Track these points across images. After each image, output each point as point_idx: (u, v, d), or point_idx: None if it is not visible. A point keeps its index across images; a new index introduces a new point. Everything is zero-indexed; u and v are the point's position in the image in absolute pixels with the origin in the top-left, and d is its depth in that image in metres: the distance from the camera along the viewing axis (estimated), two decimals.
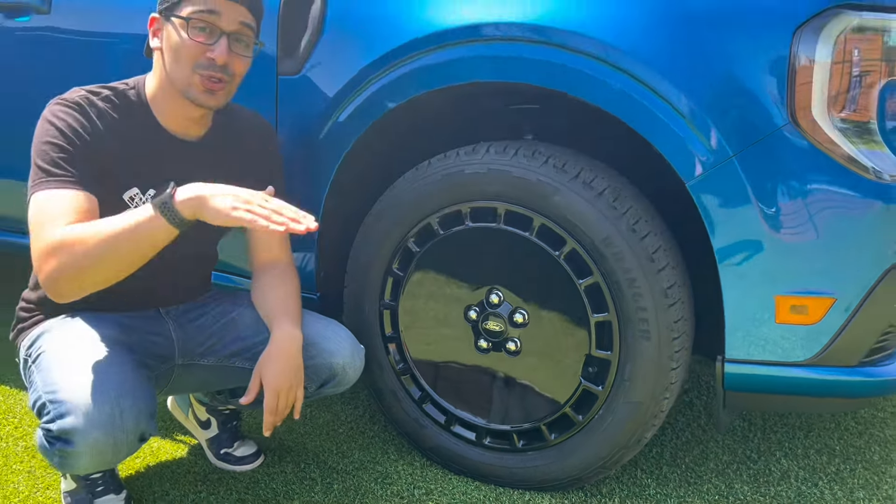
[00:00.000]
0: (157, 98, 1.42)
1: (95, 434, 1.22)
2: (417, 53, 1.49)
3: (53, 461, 1.29)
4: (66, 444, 1.23)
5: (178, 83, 1.37)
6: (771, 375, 1.40)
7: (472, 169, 1.50)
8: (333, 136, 1.61)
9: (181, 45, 1.35)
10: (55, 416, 1.24)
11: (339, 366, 1.47)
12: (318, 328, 1.50)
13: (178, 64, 1.36)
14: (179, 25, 1.35)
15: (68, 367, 1.29)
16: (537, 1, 1.40)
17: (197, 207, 1.21)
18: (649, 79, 1.33)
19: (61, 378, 1.27)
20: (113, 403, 1.23)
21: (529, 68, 1.41)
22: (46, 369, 1.32)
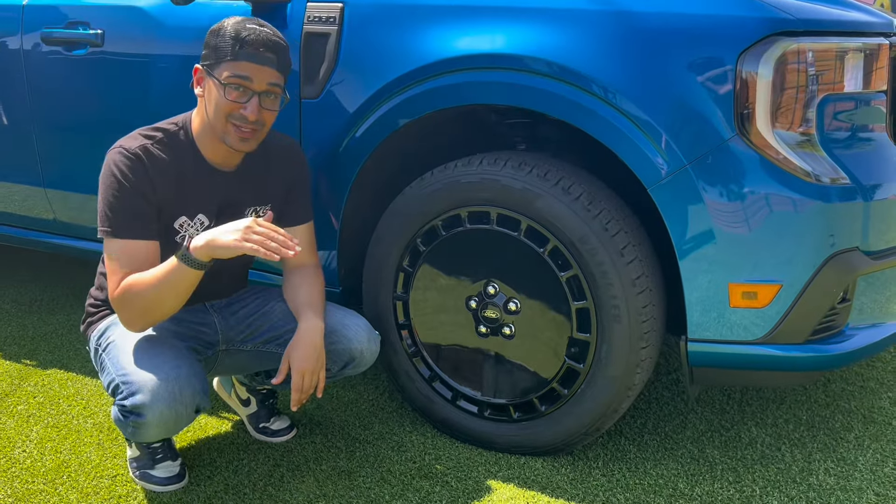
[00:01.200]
0: (200, 136, 1.65)
1: (161, 407, 1.50)
2: (417, 81, 1.72)
3: (127, 431, 1.57)
4: (138, 417, 1.51)
5: (216, 130, 1.61)
6: (728, 353, 1.62)
7: (467, 178, 1.73)
8: (350, 151, 1.86)
9: (219, 101, 1.58)
10: (128, 394, 1.52)
11: (357, 350, 1.73)
12: (339, 317, 1.75)
13: (215, 114, 1.59)
14: (217, 85, 1.57)
15: (135, 354, 1.57)
16: (520, 33, 1.63)
17: (209, 250, 1.49)
18: (613, 99, 1.55)
19: (130, 363, 1.55)
20: (173, 383, 1.51)
21: (512, 93, 1.64)
22: (116, 356, 1.60)
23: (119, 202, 1.56)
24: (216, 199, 1.68)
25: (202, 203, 1.67)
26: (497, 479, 1.74)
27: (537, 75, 1.61)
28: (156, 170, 1.59)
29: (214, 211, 1.68)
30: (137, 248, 1.57)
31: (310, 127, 1.91)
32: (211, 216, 1.68)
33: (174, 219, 1.65)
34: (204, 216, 1.67)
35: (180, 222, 1.65)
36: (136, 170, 1.57)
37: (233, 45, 1.55)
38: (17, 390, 2.16)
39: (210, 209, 1.68)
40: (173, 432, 1.62)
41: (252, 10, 1.95)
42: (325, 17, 1.85)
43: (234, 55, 1.55)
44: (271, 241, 1.47)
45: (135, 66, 2.13)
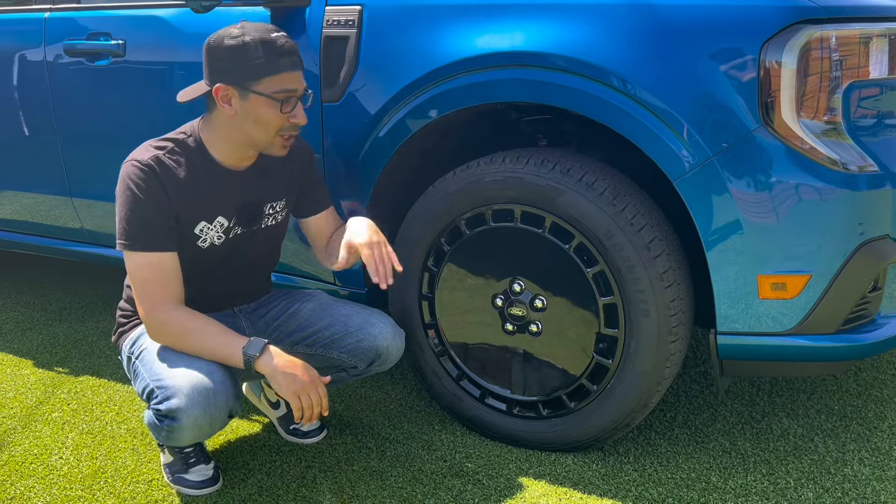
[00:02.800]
0: (215, 144, 1.65)
1: (196, 412, 1.52)
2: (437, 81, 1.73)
3: (161, 436, 1.59)
4: (173, 421, 1.53)
5: (260, 143, 1.62)
6: (758, 344, 1.61)
7: (490, 177, 1.73)
8: (373, 153, 1.87)
9: (269, 116, 1.57)
10: (162, 399, 1.54)
11: (383, 347, 1.74)
12: (365, 316, 1.77)
13: (262, 130, 1.59)
14: (266, 101, 1.56)
15: (169, 360, 1.59)
16: (538, 30, 1.63)
17: (267, 376, 1.58)
18: (635, 92, 1.54)
19: (164, 369, 1.58)
20: (208, 387, 1.53)
21: (538, 90, 1.63)
22: (150, 362, 1.62)
23: (135, 215, 1.58)
24: (233, 200, 1.69)
25: (219, 205, 1.68)
26: (528, 476, 1.75)
27: (557, 71, 1.61)
28: (169, 179, 1.60)
29: (232, 211, 1.70)
30: (159, 262, 1.59)
31: (331, 130, 1.92)
32: (229, 217, 1.70)
33: (194, 225, 1.66)
34: (223, 218, 1.69)
35: (200, 227, 1.67)
36: (150, 181, 1.58)
37: (269, 59, 1.55)
38: (51, 398, 2.20)
39: (228, 210, 1.69)
40: (207, 436, 1.64)
41: (270, 16, 1.96)
42: (344, 20, 1.85)
43: (276, 68, 1.55)
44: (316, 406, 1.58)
45: (156, 75, 2.15)
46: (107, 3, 2.30)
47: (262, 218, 1.76)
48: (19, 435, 2.00)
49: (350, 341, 1.75)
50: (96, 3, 2.31)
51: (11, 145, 2.52)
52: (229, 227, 1.70)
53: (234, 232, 1.72)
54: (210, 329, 1.59)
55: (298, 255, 2.09)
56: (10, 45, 2.41)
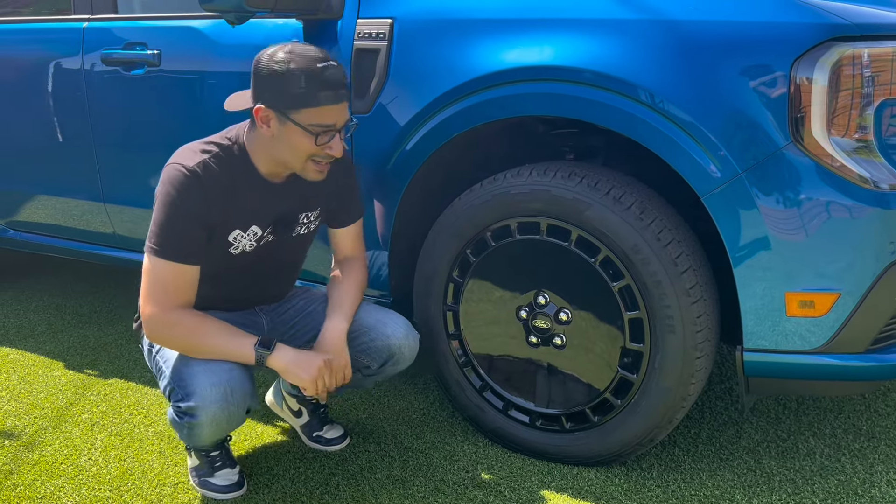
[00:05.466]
0: (257, 156, 1.65)
1: (214, 409, 1.55)
2: (466, 94, 1.74)
3: (182, 433, 1.62)
4: (192, 418, 1.57)
5: (293, 166, 1.63)
6: (785, 362, 1.59)
7: (517, 189, 1.74)
8: (401, 164, 1.89)
9: (301, 145, 1.57)
10: (182, 397, 1.58)
11: (395, 346, 1.76)
12: (378, 316, 1.79)
13: (294, 155, 1.59)
14: (300, 131, 1.55)
15: (188, 358, 1.62)
16: (566, 45, 1.64)
17: (280, 372, 1.61)
18: (664, 107, 1.55)
19: (184, 367, 1.61)
20: (225, 385, 1.56)
21: (565, 104, 1.64)
22: (170, 359, 1.66)
23: (172, 223, 1.58)
24: (269, 211, 1.71)
25: (256, 215, 1.69)
26: (550, 490, 1.75)
27: (586, 86, 1.62)
28: (212, 187, 1.60)
29: (268, 222, 1.71)
30: (181, 273, 1.59)
31: (361, 141, 1.94)
32: (264, 227, 1.71)
33: (228, 233, 1.67)
34: (258, 227, 1.70)
35: (234, 235, 1.68)
36: (192, 190, 1.58)
37: (310, 90, 1.52)
38: (81, 399, 2.24)
39: (263, 220, 1.71)
40: (225, 432, 1.66)
41: (303, 28, 1.99)
42: (375, 33, 1.88)
43: (315, 101, 1.53)
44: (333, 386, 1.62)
45: (191, 85, 2.19)
46: (143, 13, 2.36)
47: (295, 227, 1.78)
48: (50, 435, 2.04)
49: (363, 340, 1.77)
50: (133, 14, 2.37)
51: (47, 151, 2.58)
52: (262, 235, 1.72)
53: (265, 240, 1.73)
54: (220, 330, 1.60)
55: (323, 264, 2.11)
56: (50, 53, 2.47)
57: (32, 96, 2.54)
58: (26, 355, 2.56)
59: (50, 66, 2.47)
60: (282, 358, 1.60)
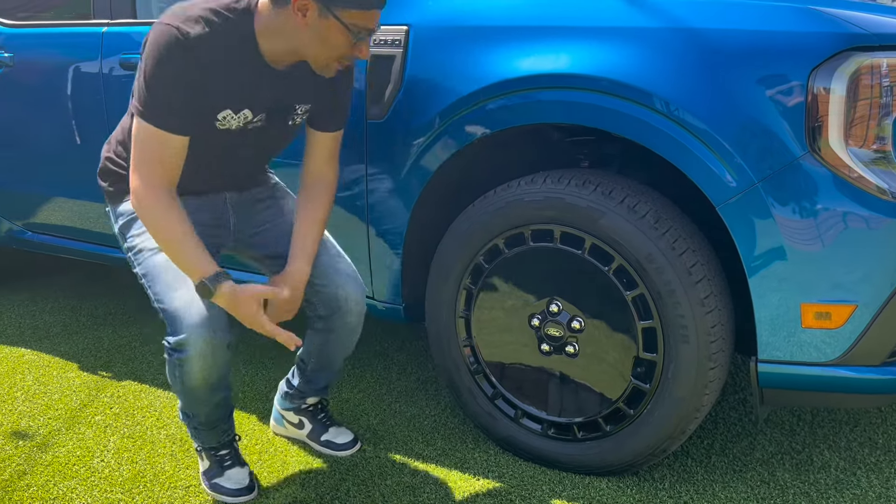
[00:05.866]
0: (269, 38, 1.54)
1: (200, 344, 1.57)
2: (480, 101, 1.75)
3: (175, 374, 1.64)
4: (181, 353, 1.59)
5: (315, 61, 1.55)
6: (800, 374, 1.58)
7: (531, 197, 1.74)
8: (415, 170, 1.89)
9: (337, 42, 1.51)
10: (172, 332, 1.61)
11: (342, 297, 1.79)
12: (331, 262, 1.79)
13: (323, 49, 1.52)
14: (341, 28, 1.49)
15: (173, 283, 1.62)
16: (582, 53, 1.64)
17: (223, 302, 1.57)
18: (680, 116, 1.54)
19: (170, 292, 1.61)
20: (206, 321, 1.57)
21: (581, 112, 1.64)
22: (153, 276, 1.66)
23: (163, 89, 1.48)
24: (265, 96, 1.60)
25: (250, 98, 1.59)
26: (562, 499, 1.74)
27: (601, 93, 1.61)
28: (209, 60, 1.49)
29: (262, 107, 1.61)
30: (168, 141, 1.52)
31: (375, 147, 1.95)
32: (256, 112, 1.61)
33: (218, 110, 1.57)
34: (249, 111, 1.60)
35: (224, 114, 1.57)
36: (188, 58, 1.46)
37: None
38: (95, 401, 2.25)
39: (257, 105, 1.60)
40: (212, 369, 1.61)
41: None
42: (391, 39, 1.88)
43: (367, 4, 1.49)
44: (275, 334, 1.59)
45: None
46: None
47: (289, 117, 1.68)
48: (63, 437, 2.05)
49: (315, 282, 1.76)
50: (152, 19, 2.39)
51: (65, 153, 2.60)
52: (252, 120, 1.62)
53: (254, 125, 1.63)
54: (189, 241, 1.54)
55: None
56: (69, 58, 2.49)
57: (51, 99, 2.56)
58: (41, 356, 2.58)
59: (69, 69, 2.49)
60: (227, 296, 1.56)
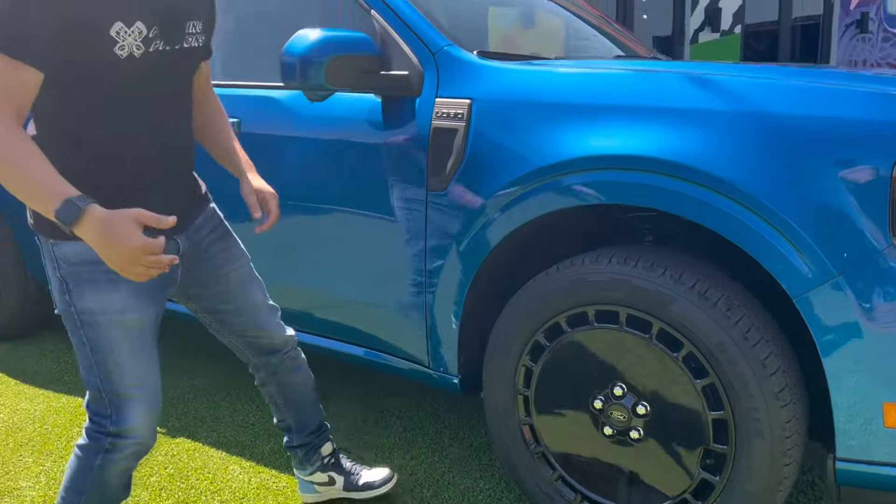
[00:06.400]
0: None
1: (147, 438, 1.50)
2: (543, 179, 1.72)
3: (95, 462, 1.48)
4: (122, 440, 1.47)
5: None
6: (882, 474, 1.50)
7: (595, 277, 1.70)
8: (475, 244, 1.87)
9: None
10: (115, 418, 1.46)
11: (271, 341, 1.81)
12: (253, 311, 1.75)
13: None
14: None
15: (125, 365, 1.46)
16: (655, 136, 1.60)
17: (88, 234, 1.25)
18: (757, 205, 1.49)
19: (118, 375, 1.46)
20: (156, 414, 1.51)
21: (652, 195, 1.60)
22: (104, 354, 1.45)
23: (21, 7, 1.24)
24: (156, 6, 1.39)
25: (139, 7, 1.36)
26: None
27: (671, 177, 1.58)
28: None
29: (154, 18, 1.39)
30: (25, 76, 1.27)
31: (435, 218, 1.93)
32: (149, 24, 1.38)
33: (108, 25, 1.33)
34: (142, 24, 1.37)
35: (116, 29, 1.34)
36: None
37: None
38: (150, 460, 2.26)
39: (148, 14, 1.38)
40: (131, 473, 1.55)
41: (381, 104, 2.01)
42: (454, 113, 1.88)
43: None
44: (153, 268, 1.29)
45: (269, 153, 2.23)
46: (224, 79, 2.42)
47: (183, 35, 1.46)
48: None
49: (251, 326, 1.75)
50: (215, 81, 2.43)
51: None
52: (149, 37, 1.38)
53: (154, 45, 1.40)
54: (36, 164, 1.26)
55: (387, 329, 2.10)
56: None
57: None
58: None
59: None
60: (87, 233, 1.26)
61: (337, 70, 1.89)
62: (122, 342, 1.46)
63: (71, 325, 1.47)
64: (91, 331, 1.46)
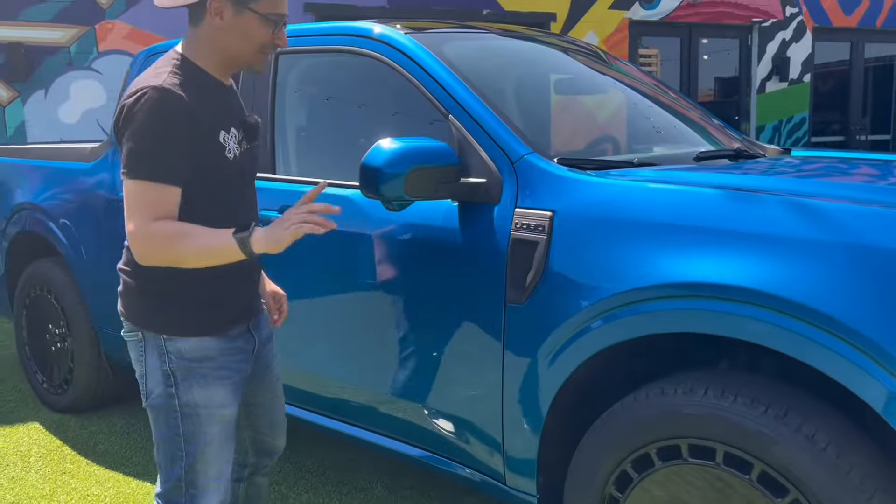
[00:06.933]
0: (205, 57, 1.62)
1: None
2: (631, 303, 1.64)
3: None
4: None
5: (245, 58, 1.63)
6: None
7: (690, 410, 1.59)
8: (556, 362, 1.79)
9: (257, 34, 1.59)
10: None
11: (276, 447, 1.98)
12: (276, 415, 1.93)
13: (247, 45, 1.60)
14: (259, 19, 1.58)
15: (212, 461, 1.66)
16: (751, 262, 1.51)
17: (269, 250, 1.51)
18: (857, 340, 1.37)
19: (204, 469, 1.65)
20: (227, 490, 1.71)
21: (739, 326, 1.50)
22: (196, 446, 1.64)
23: (159, 143, 1.51)
24: (234, 111, 1.69)
25: (228, 116, 1.65)
26: None
27: (769, 310, 1.47)
28: (189, 95, 1.54)
29: (237, 122, 1.67)
30: (165, 193, 1.52)
31: (513, 331, 1.86)
32: (238, 128, 1.67)
33: (217, 133, 1.61)
34: (234, 129, 1.66)
35: (223, 136, 1.62)
36: (174, 102, 1.51)
37: None
38: None
39: (234, 122, 1.67)
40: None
41: (458, 210, 1.97)
42: (534, 225, 1.82)
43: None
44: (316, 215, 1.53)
45: (343, 252, 2.20)
46: (299, 175, 2.42)
47: (255, 133, 1.73)
48: None
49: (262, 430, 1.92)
50: (289, 175, 2.43)
51: None
52: (240, 138, 1.68)
53: (243, 146, 1.68)
54: (198, 228, 1.53)
55: (460, 436, 2.02)
56: None
57: None
58: None
59: None
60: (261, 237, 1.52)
61: (416, 181, 1.86)
62: (217, 436, 1.64)
63: (167, 416, 1.63)
64: (190, 424, 1.62)
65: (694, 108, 2.78)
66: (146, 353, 1.64)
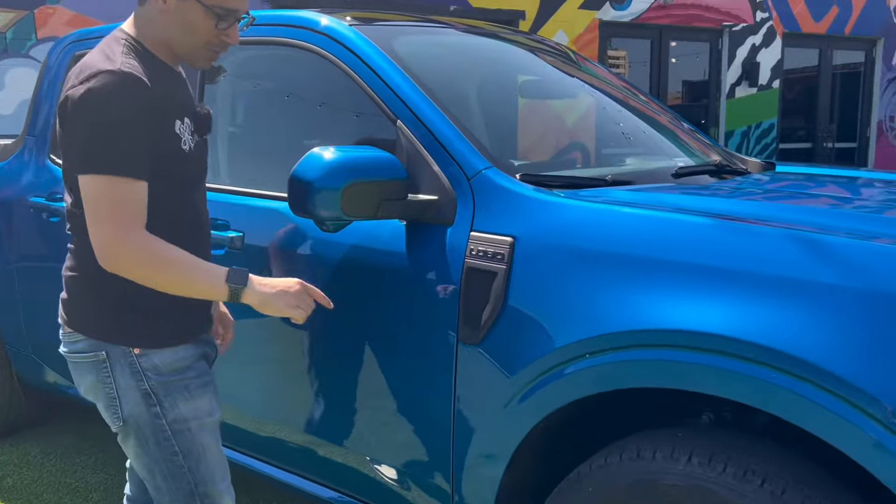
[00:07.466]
0: (150, 38, 1.48)
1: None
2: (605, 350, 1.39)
3: None
4: None
5: (183, 51, 1.47)
6: None
7: (671, 480, 1.35)
8: (514, 414, 1.53)
9: (202, 28, 1.44)
10: None
11: None
12: None
13: (191, 38, 1.45)
14: (205, 11, 1.42)
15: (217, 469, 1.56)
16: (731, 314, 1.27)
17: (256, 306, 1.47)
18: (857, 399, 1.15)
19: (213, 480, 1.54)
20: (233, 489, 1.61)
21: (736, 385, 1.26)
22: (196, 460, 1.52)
23: (126, 132, 1.36)
24: (185, 99, 1.54)
25: (180, 105, 1.51)
26: None
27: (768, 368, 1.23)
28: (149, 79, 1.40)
29: (189, 111, 1.54)
30: (138, 190, 1.39)
31: (466, 374, 1.60)
32: (190, 117, 1.53)
33: (173, 123, 1.47)
34: (188, 119, 1.52)
35: (178, 127, 1.48)
36: (134, 87, 1.36)
37: None
38: None
39: (187, 112, 1.53)
40: None
41: (405, 230, 1.70)
42: (492, 252, 1.56)
43: None
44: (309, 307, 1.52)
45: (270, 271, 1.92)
46: (230, 183, 2.13)
47: (204, 125, 1.58)
48: None
49: None
50: (220, 184, 2.13)
51: None
52: (192, 129, 1.54)
53: (195, 137, 1.55)
54: (189, 260, 1.43)
55: (402, 484, 1.75)
56: None
57: None
58: None
59: None
60: (254, 297, 1.46)
61: (355, 198, 1.58)
62: (212, 444, 1.55)
63: (156, 438, 1.49)
64: (183, 439, 1.51)
65: (665, 113, 2.55)
66: (113, 372, 1.47)
